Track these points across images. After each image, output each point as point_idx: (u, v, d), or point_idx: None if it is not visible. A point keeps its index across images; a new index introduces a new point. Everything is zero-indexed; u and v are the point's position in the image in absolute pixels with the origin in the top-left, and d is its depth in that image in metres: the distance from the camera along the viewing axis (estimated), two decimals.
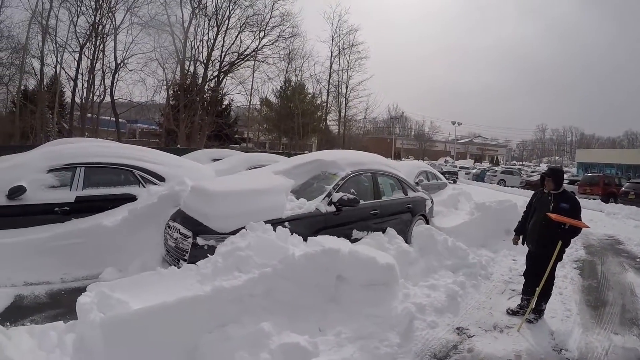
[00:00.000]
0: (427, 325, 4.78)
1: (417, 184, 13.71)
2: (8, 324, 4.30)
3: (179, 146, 27.19)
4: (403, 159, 50.64)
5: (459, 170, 42.98)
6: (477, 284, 6.27)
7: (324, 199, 6.14)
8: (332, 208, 6.11)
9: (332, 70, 46.99)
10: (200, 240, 5.18)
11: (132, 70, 32.11)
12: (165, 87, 33.74)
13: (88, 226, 6.18)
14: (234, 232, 4.97)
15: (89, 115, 31.07)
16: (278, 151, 35.03)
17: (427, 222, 8.39)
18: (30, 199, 6.17)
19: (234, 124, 40.27)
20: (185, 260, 5.28)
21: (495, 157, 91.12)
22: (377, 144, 65.72)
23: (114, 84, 31.14)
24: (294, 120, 42.12)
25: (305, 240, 5.06)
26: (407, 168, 15.31)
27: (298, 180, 6.67)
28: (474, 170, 45.39)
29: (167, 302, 3.58)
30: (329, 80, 46.98)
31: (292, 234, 5.08)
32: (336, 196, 6.18)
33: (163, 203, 6.49)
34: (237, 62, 37.23)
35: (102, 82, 31.32)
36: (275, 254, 4.34)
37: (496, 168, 46.31)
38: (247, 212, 5.35)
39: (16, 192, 6.04)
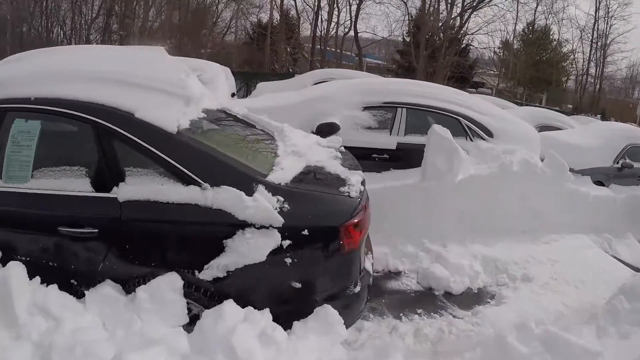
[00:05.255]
0: None
1: None
2: None
3: None
4: None
5: None
6: None
7: None
8: None
9: (597, 16, 39.48)
10: None
11: (378, 2, 32.39)
12: (407, 22, 33.50)
13: None
14: None
15: (327, 48, 32.79)
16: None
17: None
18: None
19: (473, 65, 38.11)
20: None
21: None
22: (616, 108, 55.50)
23: (357, 17, 31.91)
24: (538, 69, 37.97)
25: None
26: None
27: None
28: None
29: None
30: (594, 27, 39.89)
31: None
32: None
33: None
34: None
35: (348, 14, 32.38)
36: None
37: None
38: None
39: (326, 129, 5.20)
